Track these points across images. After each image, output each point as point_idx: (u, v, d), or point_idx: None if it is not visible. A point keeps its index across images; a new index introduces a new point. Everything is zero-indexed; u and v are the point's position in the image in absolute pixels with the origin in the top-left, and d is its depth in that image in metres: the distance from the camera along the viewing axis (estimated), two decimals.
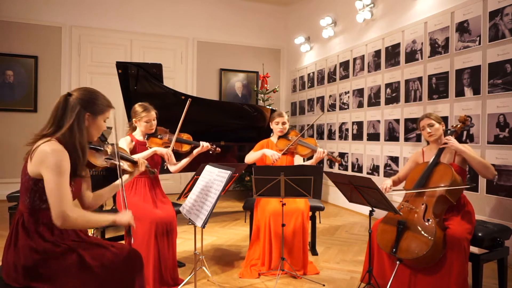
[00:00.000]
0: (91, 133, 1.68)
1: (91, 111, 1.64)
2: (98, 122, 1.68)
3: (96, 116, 1.66)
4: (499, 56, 3.28)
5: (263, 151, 3.15)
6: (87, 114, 1.62)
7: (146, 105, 2.79)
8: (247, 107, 4.96)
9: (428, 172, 2.41)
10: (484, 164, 2.36)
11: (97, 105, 1.66)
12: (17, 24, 5.73)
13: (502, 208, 3.23)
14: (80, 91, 1.64)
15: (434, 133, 2.53)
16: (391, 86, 4.61)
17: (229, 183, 2.47)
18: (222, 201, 5.77)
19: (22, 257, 1.48)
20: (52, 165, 1.47)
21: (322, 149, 3.01)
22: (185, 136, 2.99)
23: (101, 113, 1.68)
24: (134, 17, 6.37)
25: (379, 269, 2.41)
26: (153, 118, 2.80)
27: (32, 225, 1.53)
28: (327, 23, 5.84)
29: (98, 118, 1.68)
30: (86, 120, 1.62)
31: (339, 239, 3.90)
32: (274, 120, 3.23)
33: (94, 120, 1.66)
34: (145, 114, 2.75)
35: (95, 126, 1.67)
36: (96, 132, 1.71)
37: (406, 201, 2.42)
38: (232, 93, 7.09)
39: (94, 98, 1.66)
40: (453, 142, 2.41)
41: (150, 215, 2.52)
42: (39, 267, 1.48)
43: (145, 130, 2.80)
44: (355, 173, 5.24)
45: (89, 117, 1.64)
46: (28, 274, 1.48)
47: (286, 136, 3.23)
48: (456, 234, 2.17)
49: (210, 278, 2.73)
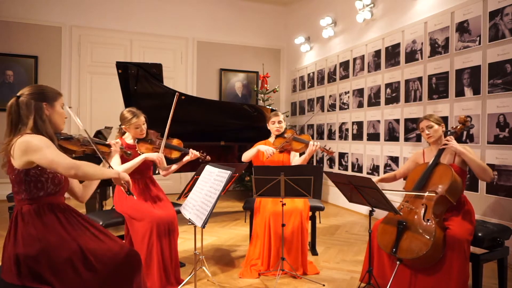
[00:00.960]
0: (55, 121, 1.73)
1: (46, 100, 1.68)
2: (57, 109, 1.73)
3: (52, 103, 1.71)
4: (499, 56, 3.28)
5: (258, 147, 3.19)
6: (44, 104, 1.67)
7: (134, 111, 2.74)
8: (247, 107, 4.96)
9: (428, 172, 2.41)
10: (483, 167, 2.36)
11: (48, 94, 1.71)
12: (17, 24, 5.73)
13: (502, 208, 3.23)
14: (27, 89, 1.69)
15: (432, 134, 2.54)
16: (391, 86, 4.61)
17: (229, 183, 2.47)
18: (222, 201, 5.77)
19: (22, 246, 1.50)
20: (37, 144, 1.53)
21: (315, 142, 3.03)
22: (175, 142, 2.91)
23: (55, 99, 1.72)
24: (134, 17, 6.37)
25: (379, 269, 2.41)
26: (142, 122, 2.75)
27: (33, 214, 1.58)
28: (327, 23, 5.84)
29: (55, 105, 1.72)
30: (45, 110, 1.68)
31: (339, 239, 3.90)
32: (271, 120, 3.28)
33: (53, 108, 1.71)
34: (134, 120, 2.70)
35: (56, 113, 1.73)
36: (60, 119, 1.76)
37: (406, 201, 2.43)
38: (232, 93, 7.09)
39: (42, 89, 1.71)
40: (453, 143, 2.41)
41: (149, 215, 2.52)
42: (39, 257, 1.49)
43: (135, 135, 2.77)
44: (355, 173, 5.24)
45: (47, 106, 1.69)
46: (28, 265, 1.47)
47: (282, 135, 3.27)
48: (457, 235, 2.17)
49: (210, 278, 2.73)
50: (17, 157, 1.55)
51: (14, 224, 1.58)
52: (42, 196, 1.61)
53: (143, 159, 2.66)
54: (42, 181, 1.61)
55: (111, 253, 1.61)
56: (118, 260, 1.61)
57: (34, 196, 1.61)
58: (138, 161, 2.64)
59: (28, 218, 1.57)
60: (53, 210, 1.63)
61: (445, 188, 2.28)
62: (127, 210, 2.59)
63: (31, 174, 1.59)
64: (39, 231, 1.54)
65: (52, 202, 1.64)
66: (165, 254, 2.53)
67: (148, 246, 2.45)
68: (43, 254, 1.50)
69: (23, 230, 1.54)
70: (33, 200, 1.61)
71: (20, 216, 1.58)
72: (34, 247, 1.51)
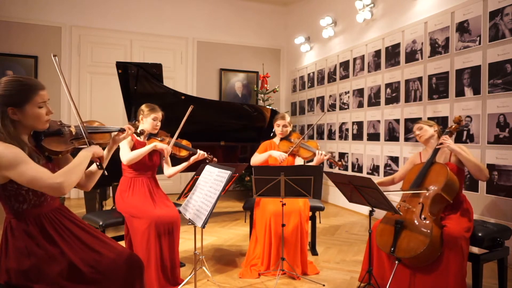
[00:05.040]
0: (29, 125, 1.49)
1: (12, 104, 1.42)
2: (29, 112, 1.45)
3: (21, 107, 1.44)
4: (499, 56, 3.28)
5: (270, 153, 3.19)
6: (9, 109, 1.42)
7: (154, 106, 2.83)
8: (247, 107, 4.96)
9: (423, 171, 2.44)
10: (478, 166, 2.38)
11: (16, 96, 1.43)
12: (17, 24, 5.73)
13: (502, 208, 3.23)
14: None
15: (422, 134, 2.63)
16: (391, 86, 4.61)
17: (229, 183, 2.47)
18: (222, 201, 5.77)
19: (14, 262, 1.44)
20: (10, 160, 1.34)
21: (323, 151, 3.04)
22: (184, 142, 3.01)
23: (26, 101, 1.44)
24: (134, 17, 6.37)
25: (379, 269, 2.42)
26: (160, 117, 2.82)
27: (20, 229, 1.48)
28: (327, 23, 5.84)
29: (26, 108, 1.44)
30: (12, 114, 1.43)
31: (339, 239, 3.90)
32: (276, 122, 3.28)
33: (22, 112, 1.44)
34: (154, 112, 2.79)
35: (28, 117, 1.46)
36: (35, 122, 1.48)
37: (404, 201, 2.45)
38: (232, 93, 7.08)
39: (9, 89, 1.43)
40: (449, 143, 2.44)
41: (149, 215, 2.52)
42: (30, 273, 1.42)
43: (150, 127, 2.79)
44: (355, 173, 5.23)
45: (14, 110, 1.43)
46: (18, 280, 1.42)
47: (287, 138, 3.26)
48: (453, 233, 2.18)
49: (210, 278, 2.73)
50: None
51: (4, 238, 1.48)
52: (26, 209, 1.48)
53: (152, 147, 2.71)
54: (23, 194, 1.46)
55: (108, 260, 1.54)
56: (116, 267, 1.54)
57: (18, 211, 1.47)
58: (147, 149, 2.69)
59: (17, 233, 1.47)
60: (40, 223, 1.50)
61: (441, 186, 2.29)
62: (128, 209, 2.60)
63: (8, 189, 1.44)
64: (28, 246, 1.45)
65: (38, 213, 1.51)
66: (165, 254, 2.53)
67: (146, 245, 2.45)
68: (33, 269, 1.43)
69: (13, 244, 1.46)
70: (18, 214, 1.48)
71: (9, 229, 1.48)
72: (25, 262, 1.43)
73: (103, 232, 2.74)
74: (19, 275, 1.42)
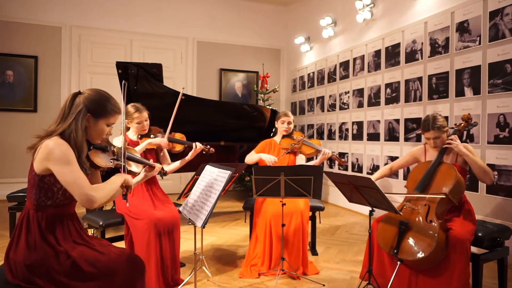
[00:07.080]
0: (90, 135, 1.64)
1: (93, 112, 1.60)
2: (99, 126, 1.63)
3: (97, 119, 1.62)
4: (499, 56, 3.28)
5: (260, 156, 3.22)
6: (88, 114, 1.59)
7: (138, 106, 2.76)
8: (247, 107, 4.96)
9: (431, 172, 2.38)
10: (484, 169, 2.35)
11: (101, 108, 1.62)
12: (17, 24, 5.73)
13: (502, 208, 3.23)
14: (89, 91, 1.62)
15: (439, 145, 2.47)
16: (391, 86, 4.61)
17: (229, 183, 2.46)
18: (222, 201, 5.77)
19: (21, 255, 1.49)
20: (59, 157, 1.46)
21: (327, 149, 3.04)
22: (178, 136, 2.96)
23: (103, 116, 1.63)
24: (133, 17, 6.37)
25: (379, 268, 2.40)
26: (145, 119, 2.78)
27: (35, 222, 1.54)
28: (327, 23, 5.84)
29: (100, 122, 1.63)
30: (86, 120, 1.59)
31: (339, 239, 3.90)
32: (280, 119, 3.30)
33: (95, 123, 1.62)
34: (137, 115, 2.74)
35: (95, 129, 1.63)
36: (96, 135, 1.65)
37: (408, 201, 2.40)
38: (232, 93, 7.08)
39: (100, 100, 1.62)
40: (457, 144, 2.38)
41: (148, 216, 2.51)
42: (35, 267, 1.48)
43: (137, 131, 2.79)
44: (355, 173, 5.23)
45: (90, 118, 1.60)
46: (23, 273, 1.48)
47: (290, 135, 3.28)
48: (460, 236, 2.15)
49: (210, 278, 2.73)
50: (38, 160, 1.50)
51: (19, 229, 1.55)
52: (48, 206, 1.56)
53: (147, 144, 2.70)
54: (54, 191, 1.54)
55: (110, 259, 1.57)
56: (117, 267, 1.57)
57: (41, 204, 1.55)
58: (142, 146, 2.68)
59: (30, 227, 1.54)
60: (52, 222, 1.57)
61: (449, 188, 2.25)
62: (128, 209, 2.59)
63: (45, 181, 1.53)
64: (37, 240, 1.51)
65: (56, 214, 1.58)
66: (165, 255, 2.53)
67: (147, 246, 2.45)
68: (38, 264, 1.48)
69: (24, 240, 1.52)
70: (39, 208, 1.55)
71: (25, 220, 1.55)
72: (31, 256, 1.48)
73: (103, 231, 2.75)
74: (24, 268, 1.47)
